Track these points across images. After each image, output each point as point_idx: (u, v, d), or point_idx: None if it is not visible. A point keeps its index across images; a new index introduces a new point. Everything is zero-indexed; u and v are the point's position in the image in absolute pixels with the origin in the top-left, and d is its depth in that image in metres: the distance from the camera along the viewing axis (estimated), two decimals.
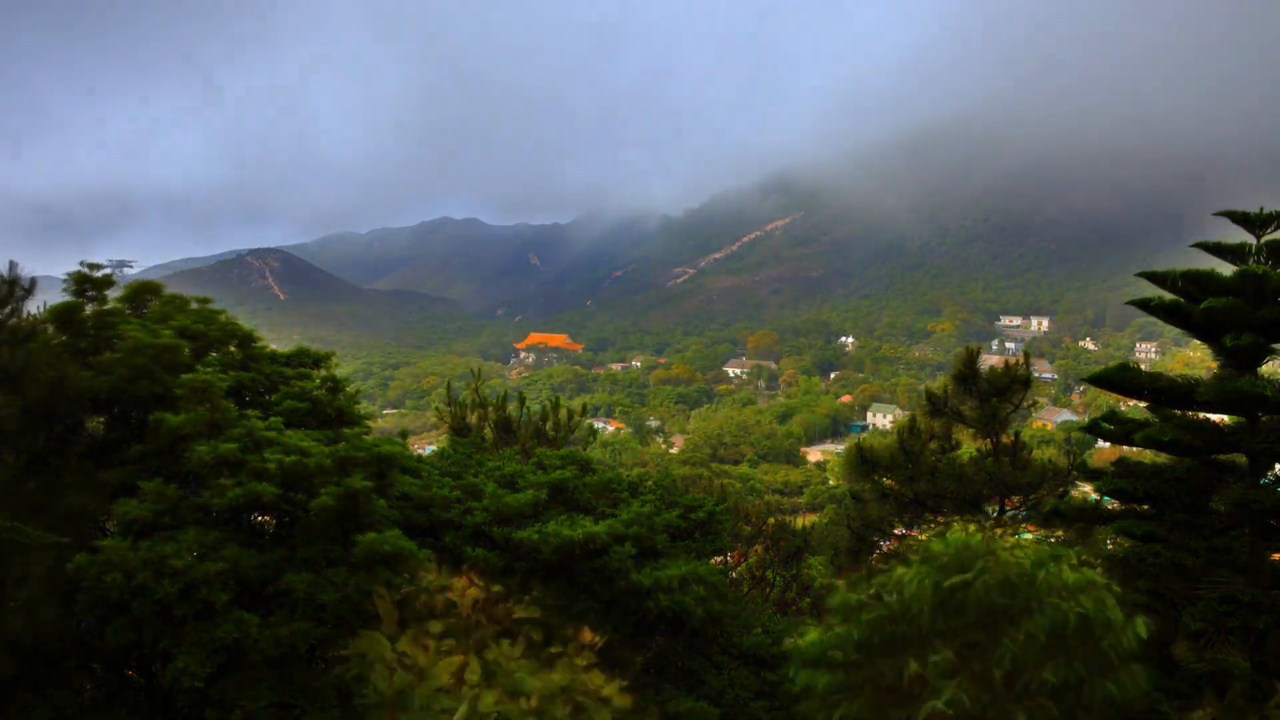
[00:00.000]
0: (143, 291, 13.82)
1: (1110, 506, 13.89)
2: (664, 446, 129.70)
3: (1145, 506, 13.02)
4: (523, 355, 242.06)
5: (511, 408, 23.27)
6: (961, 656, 7.08)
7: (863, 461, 18.03)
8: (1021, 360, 18.02)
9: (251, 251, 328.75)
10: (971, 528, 7.44)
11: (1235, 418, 12.41)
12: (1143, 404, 13.78)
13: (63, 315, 12.63)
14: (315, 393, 13.35)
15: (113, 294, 13.47)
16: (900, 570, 7.53)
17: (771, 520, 24.48)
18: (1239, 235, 12.48)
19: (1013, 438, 17.67)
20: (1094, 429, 13.68)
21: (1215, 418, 12.75)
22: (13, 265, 11.44)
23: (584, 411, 27.25)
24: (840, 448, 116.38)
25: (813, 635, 7.79)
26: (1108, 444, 17.00)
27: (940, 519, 16.55)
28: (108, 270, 13.69)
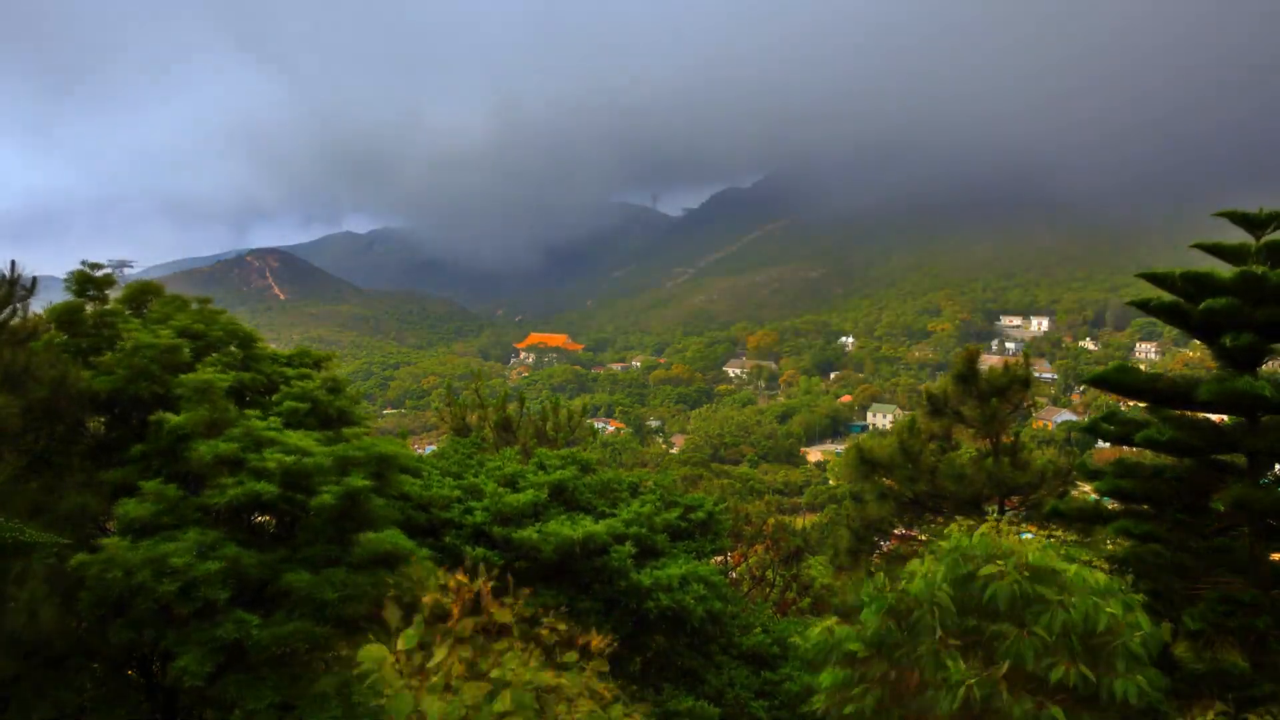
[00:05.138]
0: (143, 292, 13.81)
1: (1110, 506, 13.89)
2: (664, 446, 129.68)
3: (1145, 506, 13.01)
4: (523, 355, 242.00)
5: (511, 408, 23.28)
6: (982, 650, 7.09)
7: (863, 462, 18.02)
8: (1021, 360, 18.02)
9: (251, 251, 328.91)
10: (1003, 527, 7.46)
11: (1235, 418, 12.41)
12: (1143, 404, 13.79)
13: (64, 315, 12.64)
14: (316, 393, 13.35)
15: (113, 294, 13.48)
16: (927, 562, 7.52)
17: (771, 520, 24.50)
18: (1239, 235, 12.48)
19: (1013, 438, 17.66)
20: (1094, 429, 13.68)
21: (1215, 418, 12.75)
22: (14, 265, 11.46)
23: (584, 411, 27.29)
24: (840, 448, 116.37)
25: (828, 627, 7.77)
26: (1108, 444, 16.99)
27: (940, 519, 16.54)
28: (108, 270, 13.68)
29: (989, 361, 20.06)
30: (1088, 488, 17.32)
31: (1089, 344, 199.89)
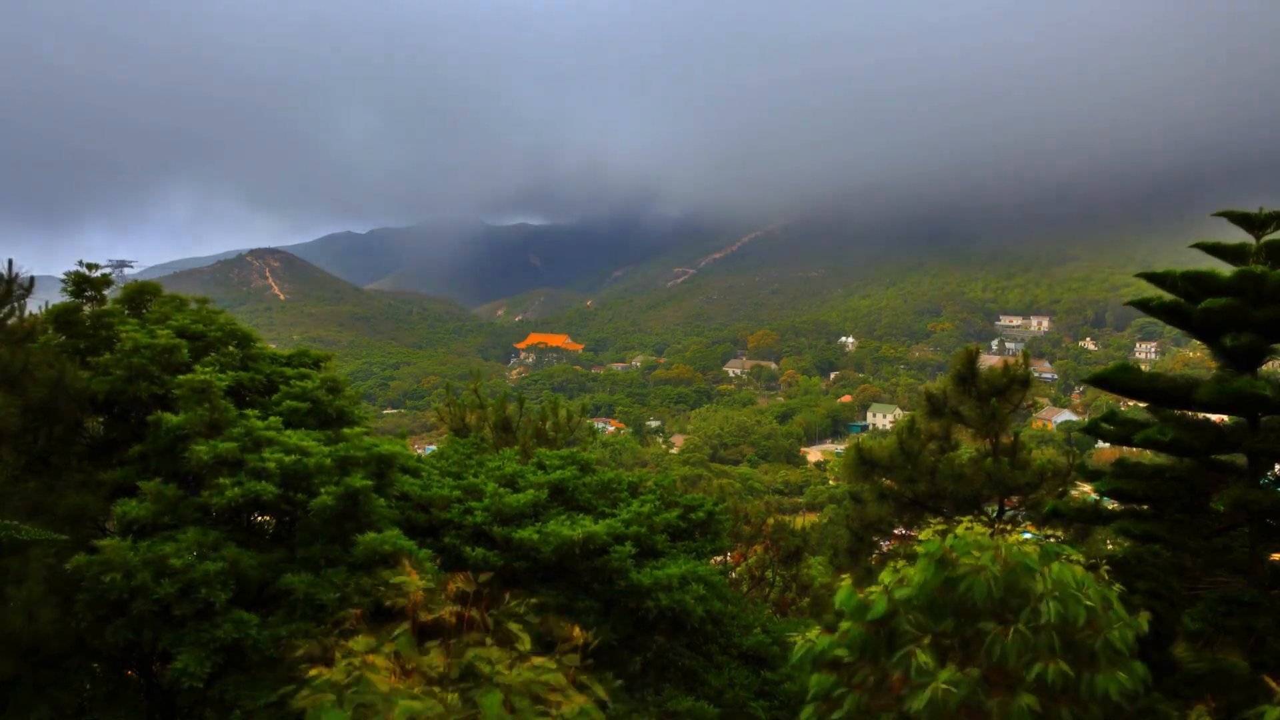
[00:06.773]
0: (141, 292, 13.81)
1: (1110, 506, 13.88)
2: (664, 446, 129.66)
3: (1145, 506, 13.00)
4: (523, 355, 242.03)
5: (511, 408, 23.24)
6: (962, 650, 7.07)
7: (862, 462, 18.00)
8: (1021, 360, 17.99)
9: (251, 251, 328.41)
10: (977, 526, 7.44)
11: (1235, 418, 12.40)
12: (1143, 404, 13.77)
13: (62, 316, 12.63)
14: (315, 393, 13.34)
15: (112, 294, 13.47)
16: (905, 568, 7.52)
17: (771, 520, 24.47)
18: (1238, 235, 12.48)
19: (1012, 438, 17.63)
20: (1094, 429, 13.66)
21: (1215, 418, 12.74)
22: (10, 265, 11.45)
23: (584, 411, 27.28)
24: (840, 448, 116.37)
25: (814, 634, 7.79)
26: (1108, 444, 16.98)
27: (939, 519, 16.52)
28: (106, 270, 13.68)
29: (989, 361, 20.01)
30: (1087, 488, 17.31)
31: (1089, 344, 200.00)
